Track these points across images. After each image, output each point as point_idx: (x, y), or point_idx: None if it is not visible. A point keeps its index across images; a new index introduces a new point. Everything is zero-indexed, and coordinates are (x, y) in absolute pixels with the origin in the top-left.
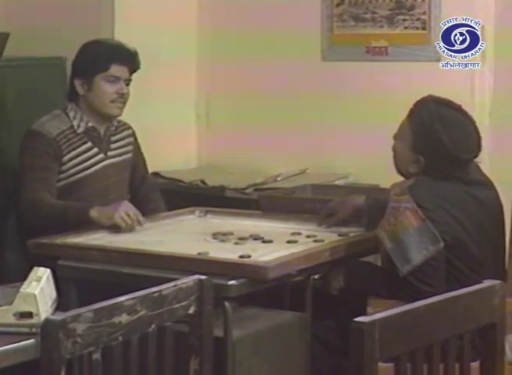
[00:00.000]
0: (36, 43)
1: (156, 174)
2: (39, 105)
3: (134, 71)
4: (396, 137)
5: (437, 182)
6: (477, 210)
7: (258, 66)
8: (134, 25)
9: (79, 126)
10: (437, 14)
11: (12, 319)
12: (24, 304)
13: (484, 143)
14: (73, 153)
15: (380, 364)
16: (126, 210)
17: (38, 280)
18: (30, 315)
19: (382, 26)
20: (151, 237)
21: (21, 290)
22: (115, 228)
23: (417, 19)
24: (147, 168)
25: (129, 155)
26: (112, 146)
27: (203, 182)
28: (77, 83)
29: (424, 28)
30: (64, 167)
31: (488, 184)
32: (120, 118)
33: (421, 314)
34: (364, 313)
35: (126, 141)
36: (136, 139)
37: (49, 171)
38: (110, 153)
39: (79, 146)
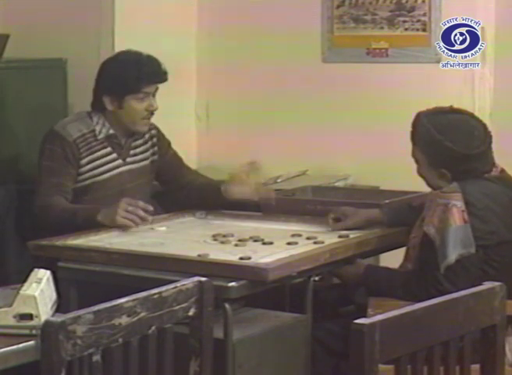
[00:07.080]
0: (36, 45)
1: None
2: (39, 106)
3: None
4: (416, 163)
5: (482, 182)
6: None
7: (258, 67)
8: (134, 27)
9: (100, 132)
10: (437, 16)
11: (12, 321)
12: (24, 306)
13: None
14: (92, 157)
15: (380, 366)
16: (124, 208)
17: (38, 281)
18: (30, 317)
19: (382, 28)
20: (151, 239)
21: (21, 291)
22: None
23: (418, 21)
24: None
25: (151, 159)
26: (132, 152)
27: None
28: (106, 99)
29: (424, 30)
30: (82, 169)
31: None
32: None
33: (422, 316)
34: (364, 315)
35: (149, 144)
36: (163, 136)
37: (65, 176)
38: (129, 159)
39: (98, 150)
